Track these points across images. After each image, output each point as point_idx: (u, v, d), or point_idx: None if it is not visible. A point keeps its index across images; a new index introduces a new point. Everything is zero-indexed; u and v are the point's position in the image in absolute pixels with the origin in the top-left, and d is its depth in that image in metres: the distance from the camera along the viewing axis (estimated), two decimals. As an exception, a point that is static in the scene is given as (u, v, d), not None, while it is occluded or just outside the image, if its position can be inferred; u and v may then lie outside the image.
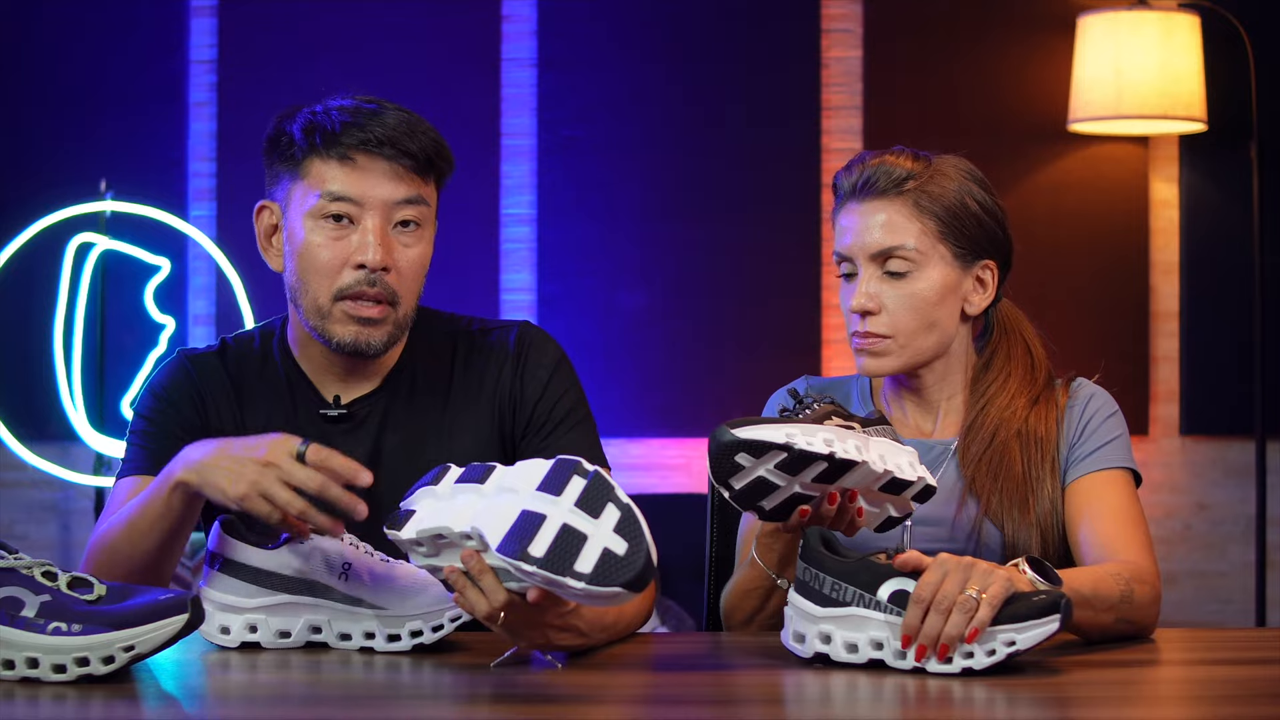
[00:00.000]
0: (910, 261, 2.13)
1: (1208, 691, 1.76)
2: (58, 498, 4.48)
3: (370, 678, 1.77)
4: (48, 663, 1.66)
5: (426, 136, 2.08)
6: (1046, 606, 1.72)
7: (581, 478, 1.69)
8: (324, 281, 2.06)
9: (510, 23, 4.51)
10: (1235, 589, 4.45)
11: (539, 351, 2.19)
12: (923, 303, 2.14)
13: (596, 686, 1.74)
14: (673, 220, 4.45)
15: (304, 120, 2.07)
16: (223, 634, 1.91)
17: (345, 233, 2.06)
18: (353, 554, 1.91)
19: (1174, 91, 4.13)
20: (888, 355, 2.15)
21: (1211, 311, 4.42)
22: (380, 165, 2.05)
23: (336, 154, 2.05)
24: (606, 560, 1.63)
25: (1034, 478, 2.14)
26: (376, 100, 2.09)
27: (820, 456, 1.78)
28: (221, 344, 2.20)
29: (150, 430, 2.13)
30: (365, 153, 2.04)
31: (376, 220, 2.05)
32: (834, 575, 1.78)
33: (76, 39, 4.46)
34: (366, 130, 2.04)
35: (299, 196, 2.08)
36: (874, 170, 2.14)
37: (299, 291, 2.09)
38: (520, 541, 1.64)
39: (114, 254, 4.31)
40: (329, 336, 2.07)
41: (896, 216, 2.14)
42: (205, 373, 2.16)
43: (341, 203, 2.05)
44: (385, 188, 2.06)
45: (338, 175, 2.05)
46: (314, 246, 2.06)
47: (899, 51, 4.45)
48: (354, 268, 2.05)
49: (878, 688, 1.69)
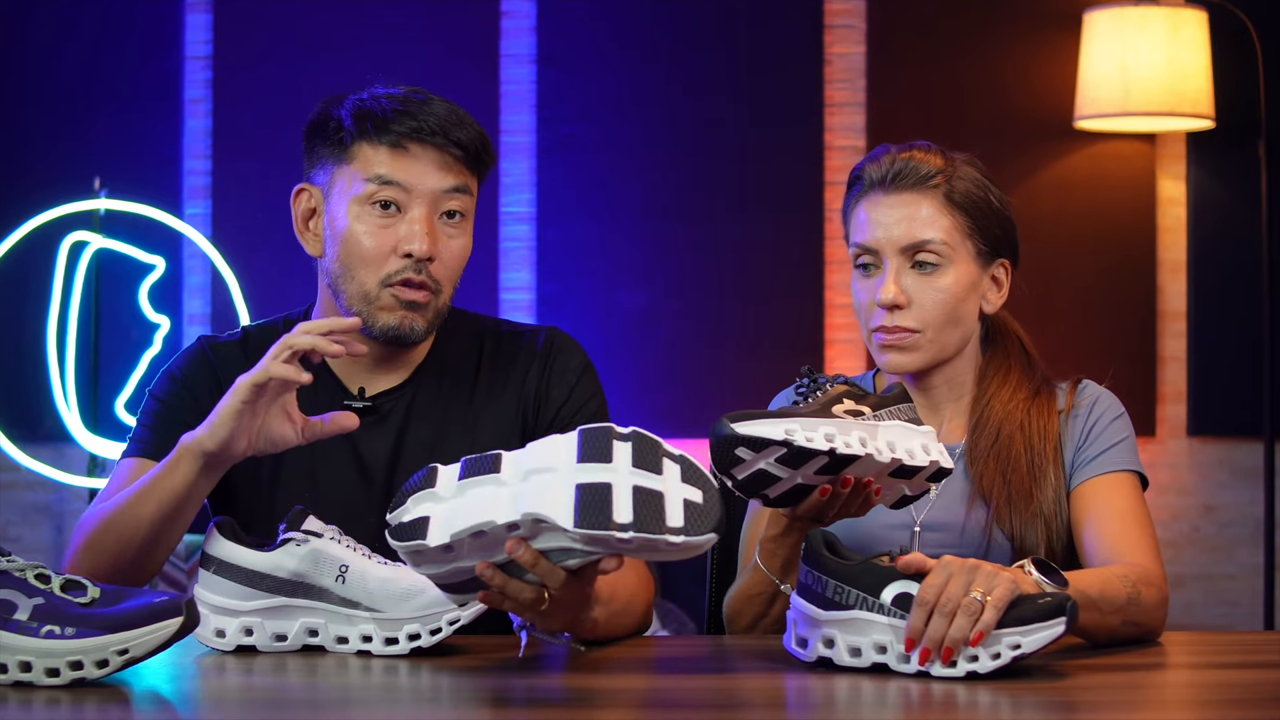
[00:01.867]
0: (940, 255, 2.14)
1: (1215, 695, 1.75)
2: (51, 499, 4.48)
3: (367, 681, 1.77)
4: (41, 666, 1.66)
5: (474, 129, 2.11)
6: (1052, 609, 1.71)
7: (623, 441, 1.69)
8: (370, 269, 2.07)
9: (509, 19, 4.51)
10: (1243, 592, 4.44)
11: (567, 355, 2.21)
12: (951, 298, 2.15)
13: (597, 690, 1.74)
14: (674, 219, 4.45)
15: (353, 106, 2.09)
16: (218, 637, 1.91)
17: (392, 220, 2.08)
18: (350, 556, 1.90)
19: (1181, 88, 4.12)
20: (915, 350, 2.15)
21: (1219, 311, 4.42)
22: (430, 154, 2.07)
23: (388, 140, 2.07)
24: (691, 510, 1.65)
25: (1037, 467, 2.14)
26: (423, 91, 2.12)
27: (820, 452, 1.79)
28: (244, 332, 2.21)
29: (162, 413, 2.13)
30: (416, 140, 2.07)
31: (424, 209, 2.07)
32: (837, 578, 1.78)
33: (70, 35, 4.46)
34: (418, 119, 2.06)
35: (344, 182, 2.09)
36: (904, 163, 2.15)
37: (342, 279, 2.10)
38: (599, 513, 1.63)
39: (108, 252, 4.32)
40: (374, 323, 2.08)
41: (930, 210, 2.14)
42: (226, 361, 2.16)
43: (391, 188, 2.07)
44: (434, 176, 2.08)
45: (387, 161, 2.07)
46: (359, 234, 2.08)
47: (903, 48, 4.45)
48: (401, 256, 2.07)
49: (881, 692, 1.68)
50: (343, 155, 2.09)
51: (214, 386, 2.13)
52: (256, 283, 4.37)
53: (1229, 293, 4.40)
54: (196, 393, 2.14)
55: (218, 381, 2.13)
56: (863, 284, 2.18)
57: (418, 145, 2.07)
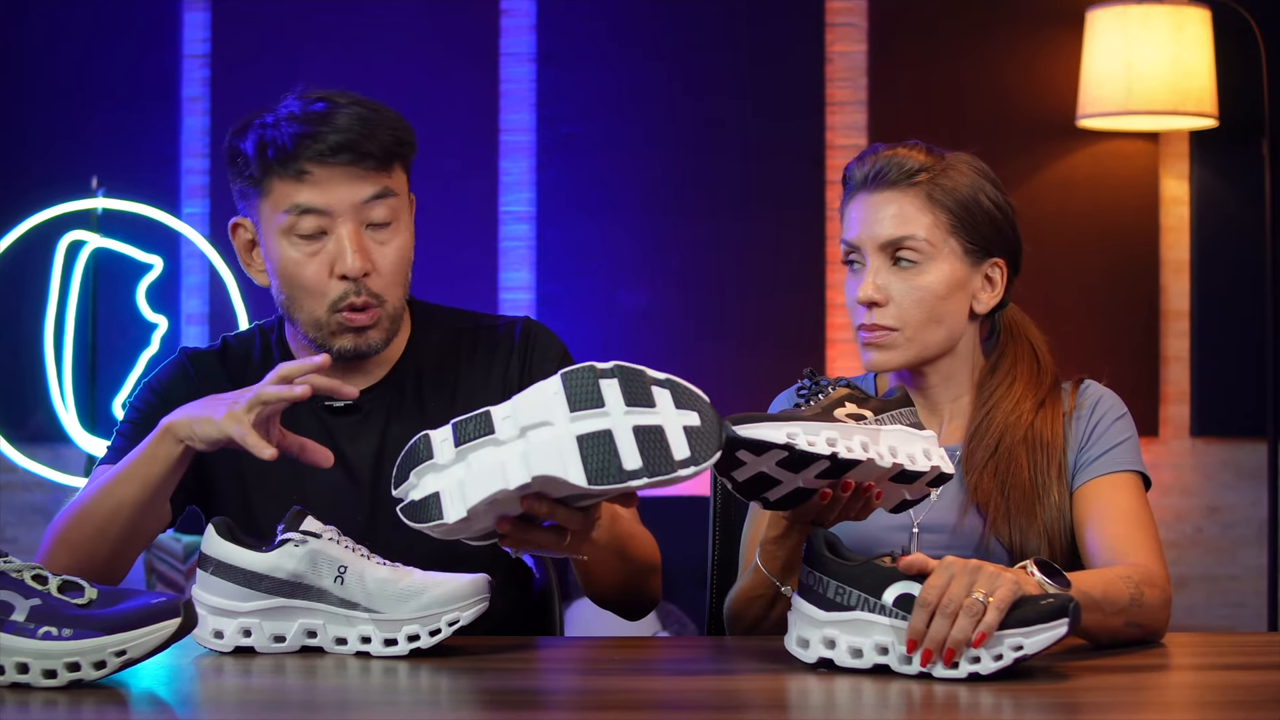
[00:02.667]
0: (920, 253, 2.13)
1: (1219, 697, 1.74)
2: (48, 500, 4.46)
3: (366, 683, 1.76)
4: (38, 668, 1.65)
5: (383, 129, 2.05)
6: (1055, 610, 1.70)
7: (609, 379, 1.69)
8: (314, 298, 2.07)
9: (509, 17, 4.51)
10: (1247, 593, 4.44)
11: (545, 345, 2.21)
12: (931, 295, 2.14)
13: (597, 691, 1.74)
14: (674, 218, 4.45)
15: (255, 137, 2.04)
16: (216, 638, 1.90)
17: (319, 245, 2.06)
18: (349, 556, 1.90)
19: (1185, 87, 4.12)
20: (894, 349, 2.14)
21: (1223, 310, 4.42)
22: (339, 172, 2.03)
23: (293, 171, 2.03)
24: (693, 436, 1.68)
25: (1040, 484, 2.13)
26: (325, 96, 2.05)
27: (822, 457, 1.78)
28: (223, 343, 2.22)
29: (140, 424, 2.12)
30: (321, 164, 2.02)
31: (349, 226, 2.05)
32: (838, 579, 1.77)
33: (67, 33, 4.46)
34: (320, 139, 2.01)
35: (268, 214, 2.07)
36: (886, 161, 2.15)
37: (291, 308, 2.10)
38: (608, 465, 1.65)
39: (105, 252, 4.31)
40: (330, 347, 2.08)
41: (908, 207, 2.14)
42: (205, 372, 2.17)
43: (310, 217, 2.04)
44: (350, 192, 2.04)
45: (299, 189, 2.03)
46: (294, 264, 2.06)
47: (904, 46, 4.45)
48: (338, 279, 2.05)
49: (883, 693, 1.68)
50: (258, 188, 2.06)
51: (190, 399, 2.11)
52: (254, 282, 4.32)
53: (1233, 292, 4.40)
54: (174, 405, 2.10)
55: (196, 393, 2.12)
56: (849, 283, 2.19)
57: (323, 169, 2.02)
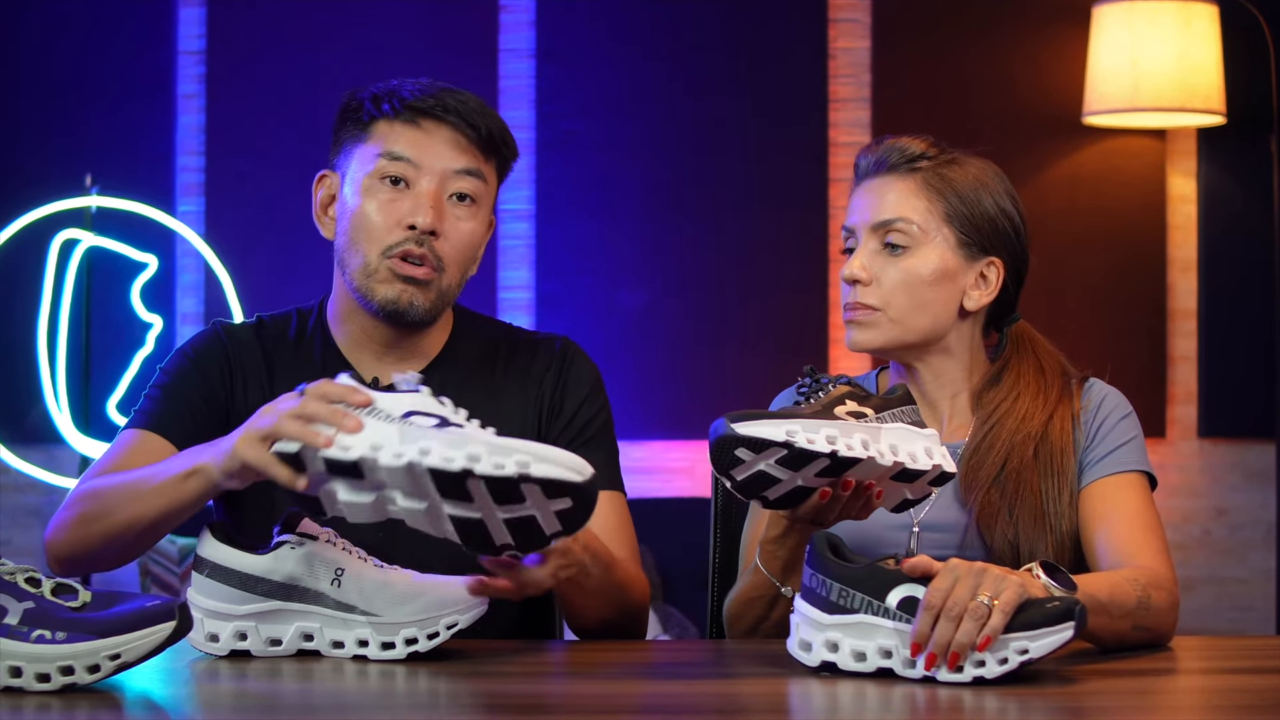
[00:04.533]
0: (909, 236, 2.14)
1: (1227, 701, 1.75)
2: (42, 502, 4.46)
3: (364, 687, 1.76)
4: (31, 671, 1.65)
5: (495, 119, 2.15)
6: (1061, 613, 1.70)
7: (475, 480, 1.70)
8: (374, 242, 2.11)
9: (508, 13, 4.51)
10: (1255, 596, 4.44)
11: (581, 367, 2.25)
12: (916, 279, 2.13)
13: (597, 696, 1.74)
14: (675, 216, 4.45)
15: (380, 87, 2.15)
16: (211, 642, 1.90)
17: (400, 196, 2.11)
18: (346, 559, 1.89)
19: (1192, 83, 4.13)
20: (874, 328, 2.14)
21: (1231, 310, 4.42)
22: (444, 131, 2.11)
23: (404, 117, 2.11)
24: (564, 515, 1.72)
25: (1053, 512, 2.11)
26: (452, 85, 2.17)
27: (822, 455, 1.78)
28: (258, 319, 2.24)
29: (171, 387, 2.15)
30: (431, 117, 2.11)
31: (433, 185, 2.11)
32: (841, 581, 1.77)
33: (61, 29, 4.46)
34: (439, 99, 2.11)
35: (359, 160, 2.14)
36: (889, 148, 2.17)
37: (346, 253, 2.14)
38: (483, 544, 1.72)
39: (100, 251, 4.30)
40: (372, 295, 2.11)
41: (904, 192, 2.15)
42: (239, 344, 2.19)
43: (400, 164, 2.11)
44: (446, 155, 2.11)
45: (401, 136, 2.11)
46: (368, 210, 2.11)
47: (908, 43, 4.45)
48: (405, 228, 2.10)
49: (886, 697, 1.68)
50: (362, 134, 2.14)
51: (225, 369, 2.17)
52: (251, 281, 4.36)
53: (1241, 291, 4.41)
54: (207, 373, 2.15)
55: (229, 364, 2.17)
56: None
57: (432, 122, 2.11)
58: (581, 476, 1.69)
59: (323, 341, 2.19)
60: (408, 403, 1.75)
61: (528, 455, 1.68)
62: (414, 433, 1.71)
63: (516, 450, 1.69)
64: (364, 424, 1.73)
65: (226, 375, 2.16)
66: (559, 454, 1.70)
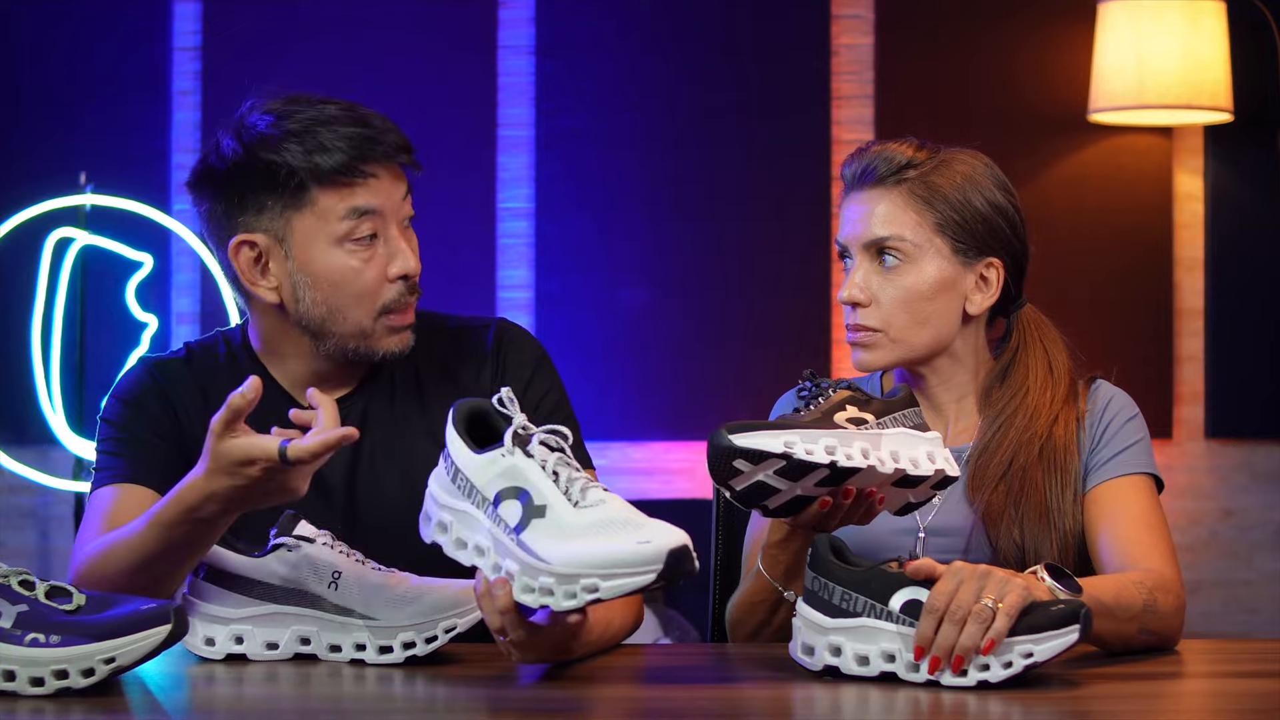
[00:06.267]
0: (903, 253, 2.13)
1: (1234, 705, 1.75)
2: (36, 503, 4.45)
3: (361, 691, 1.77)
4: (25, 675, 1.65)
5: (396, 129, 2.09)
6: (1066, 616, 1.70)
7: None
8: (365, 304, 2.06)
9: (507, 8, 4.49)
10: (1263, 598, 4.42)
11: (518, 349, 2.20)
12: (915, 296, 2.12)
13: (597, 700, 1.75)
14: (676, 215, 4.43)
15: (295, 147, 2.02)
16: (207, 645, 1.90)
17: (373, 249, 2.06)
18: (343, 562, 1.89)
19: (1198, 80, 4.11)
20: (879, 349, 2.14)
21: (1238, 309, 4.40)
22: (386, 170, 2.07)
23: (358, 174, 2.04)
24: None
25: (1056, 509, 2.12)
26: (324, 100, 2.07)
27: (821, 465, 1.78)
28: (186, 349, 2.20)
29: (121, 437, 2.11)
30: (373, 161, 2.05)
31: (395, 227, 2.08)
32: (844, 585, 1.77)
33: (54, 25, 4.44)
34: (379, 141, 2.05)
35: (312, 224, 2.05)
36: (874, 158, 2.15)
37: (330, 321, 2.07)
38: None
39: (94, 249, 4.28)
40: (374, 354, 2.09)
41: (892, 206, 2.13)
42: (171, 377, 2.16)
43: (369, 218, 2.05)
44: (394, 191, 2.08)
45: (358, 194, 2.04)
46: (350, 271, 2.05)
47: (912, 39, 4.43)
48: (392, 281, 2.06)
49: (890, 701, 1.68)
50: (297, 200, 2.04)
51: (164, 404, 2.13)
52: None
53: (1248, 291, 4.39)
54: (149, 411, 2.11)
55: (166, 399, 2.13)
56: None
57: (376, 165, 2.05)
58: (656, 568, 1.62)
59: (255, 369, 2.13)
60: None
61: (594, 576, 1.64)
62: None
63: (583, 576, 1.64)
64: None
65: (169, 409, 2.11)
66: (627, 551, 1.63)
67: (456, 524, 1.74)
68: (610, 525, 1.66)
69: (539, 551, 1.66)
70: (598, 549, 1.64)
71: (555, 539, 1.66)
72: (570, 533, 1.66)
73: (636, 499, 2.21)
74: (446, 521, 1.74)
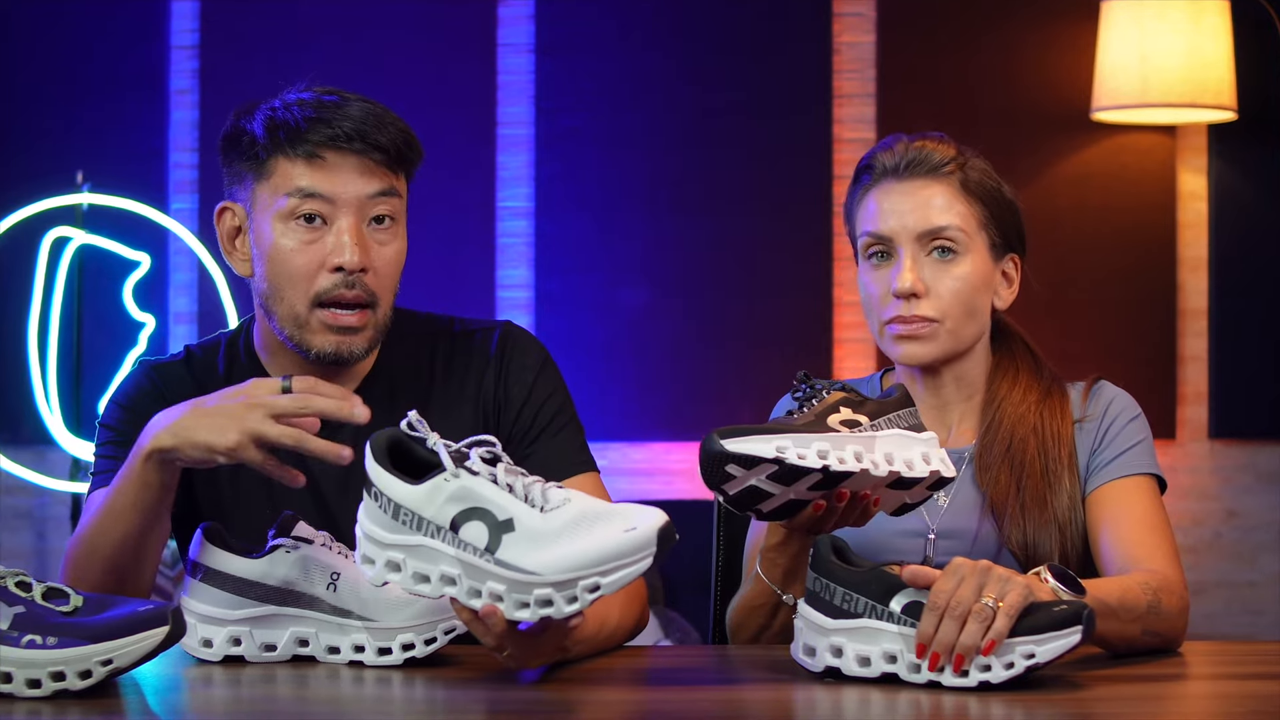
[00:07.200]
0: (957, 243, 2.13)
1: (1237, 707, 1.74)
2: (33, 504, 4.46)
3: (360, 693, 1.77)
4: (21, 677, 1.65)
5: (394, 127, 2.06)
6: (1068, 617, 1.70)
7: None
8: (299, 287, 2.04)
9: (506, 7, 4.50)
10: (1267, 600, 4.42)
11: (522, 353, 2.18)
12: (969, 287, 2.14)
13: (597, 703, 1.74)
14: (677, 214, 4.43)
15: (264, 117, 2.05)
16: (205, 647, 1.90)
17: (318, 234, 2.04)
18: (342, 563, 1.88)
19: (1202, 79, 4.11)
20: (933, 340, 2.14)
21: (1242, 309, 4.40)
22: (350, 160, 2.03)
23: (304, 151, 2.02)
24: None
25: (1052, 473, 2.12)
26: (336, 91, 2.07)
27: (813, 470, 1.79)
28: (186, 352, 2.20)
29: (119, 440, 2.10)
30: (333, 149, 2.02)
31: (350, 219, 2.03)
32: (845, 586, 1.77)
33: (52, 24, 4.44)
34: (333, 125, 2.02)
35: (265, 198, 2.06)
36: (918, 152, 2.15)
37: (272, 299, 2.07)
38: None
39: (91, 249, 4.29)
40: (307, 347, 2.06)
41: (945, 197, 2.14)
42: (170, 381, 2.15)
43: (313, 201, 2.03)
44: (357, 184, 2.04)
45: (305, 173, 2.03)
46: (286, 250, 2.04)
47: (914, 36, 4.43)
48: (330, 271, 2.03)
49: (891, 702, 1.68)
50: (260, 170, 2.04)
51: (161, 408, 2.08)
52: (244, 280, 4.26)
53: (1252, 290, 4.39)
54: (146, 415, 2.07)
55: (165, 402, 2.09)
56: (873, 275, 2.16)
57: (335, 153, 2.02)
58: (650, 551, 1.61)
59: (255, 370, 2.14)
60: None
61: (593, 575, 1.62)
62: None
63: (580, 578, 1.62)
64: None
65: None
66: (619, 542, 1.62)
67: (410, 559, 1.68)
68: (586, 521, 1.64)
69: (523, 566, 1.63)
70: (588, 548, 1.62)
71: (534, 549, 1.63)
72: (547, 539, 1.63)
73: (637, 500, 2.20)
74: (397, 560, 1.69)
